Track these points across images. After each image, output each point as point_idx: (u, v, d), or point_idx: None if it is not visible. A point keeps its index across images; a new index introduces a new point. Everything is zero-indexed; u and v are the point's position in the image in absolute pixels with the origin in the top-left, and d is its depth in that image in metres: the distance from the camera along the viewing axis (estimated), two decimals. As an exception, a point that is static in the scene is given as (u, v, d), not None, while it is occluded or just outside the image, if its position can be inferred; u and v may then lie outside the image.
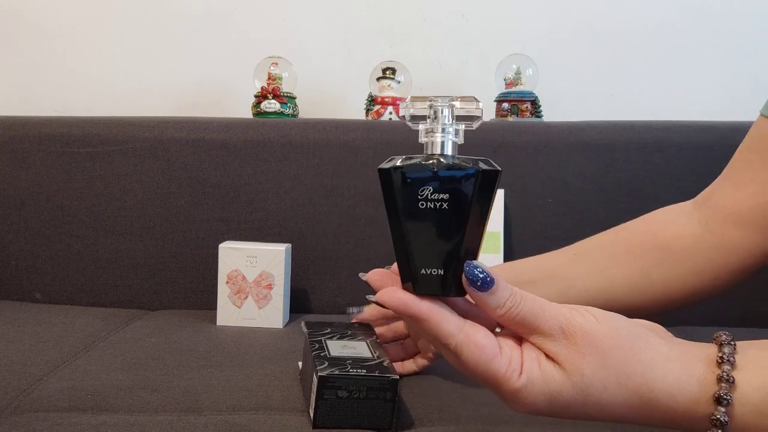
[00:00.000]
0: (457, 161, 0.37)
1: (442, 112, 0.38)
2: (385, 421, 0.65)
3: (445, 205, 0.37)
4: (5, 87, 1.48)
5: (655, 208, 1.18)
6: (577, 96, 1.43)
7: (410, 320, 0.39)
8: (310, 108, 1.39)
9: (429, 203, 0.37)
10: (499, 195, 1.11)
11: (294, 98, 1.30)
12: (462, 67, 1.45)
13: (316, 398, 0.64)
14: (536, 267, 0.61)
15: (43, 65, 1.48)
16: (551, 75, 1.38)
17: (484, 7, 1.43)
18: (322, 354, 0.70)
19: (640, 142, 1.14)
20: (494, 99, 1.30)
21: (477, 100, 0.39)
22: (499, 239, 1.08)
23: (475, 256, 0.39)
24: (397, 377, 0.64)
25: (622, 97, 1.43)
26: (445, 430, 0.65)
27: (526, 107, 1.27)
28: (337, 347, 0.73)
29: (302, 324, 0.80)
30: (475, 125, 0.39)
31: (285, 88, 1.29)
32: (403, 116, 0.40)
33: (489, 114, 1.32)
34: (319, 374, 0.63)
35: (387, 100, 1.29)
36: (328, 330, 0.79)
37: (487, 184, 0.37)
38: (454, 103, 0.39)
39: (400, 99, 1.29)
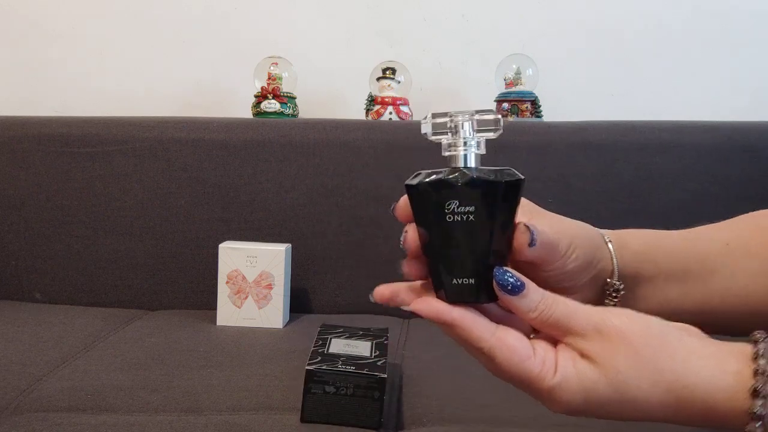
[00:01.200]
0: (480, 174, 0.38)
1: (462, 126, 0.40)
2: (373, 420, 0.65)
3: (471, 217, 0.38)
4: (5, 87, 1.48)
5: (657, 209, 1.18)
6: (578, 96, 1.43)
7: (444, 328, 0.40)
8: (310, 108, 1.39)
9: (456, 216, 0.38)
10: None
11: (294, 98, 1.30)
12: (462, 67, 1.45)
13: (303, 392, 0.65)
14: (686, 252, 0.49)
15: (43, 65, 1.48)
16: (551, 75, 1.38)
17: (484, 7, 1.43)
18: (320, 350, 0.71)
19: (642, 143, 1.14)
20: (494, 99, 1.30)
21: (495, 112, 0.40)
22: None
23: (504, 263, 0.39)
24: (385, 376, 0.65)
25: (622, 97, 1.43)
26: (445, 430, 0.66)
27: (526, 107, 1.27)
28: (339, 345, 0.74)
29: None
30: (496, 135, 0.40)
31: (285, 88, 1.29)
32: (425, 132, 0.41)
33: (489, 114, 1.32)
34: (306, 368, 0.65)
35: (387, 100, 1.28)
36: (341, 330, 0.80)
37: (510, 193, 0.38)
38: (474, 117, 0.40)
39: (400, 99, 1.29)
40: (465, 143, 0.39)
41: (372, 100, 1.31)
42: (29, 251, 1.17)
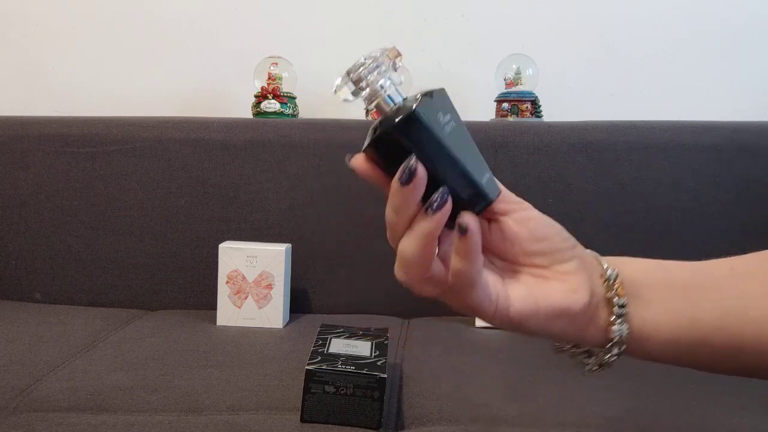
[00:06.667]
0: (417, 95, 0.37)
1: (372, 73, 0.39)
2: (373, 420, 0.65)
3: (453, 123, 0.38)
4: (5, 87, 1.48)
5: (657, 209, 1.18)
6: (578, 96, 1.43)
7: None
8: (310, 108, 1.39)
9: (447, 126, 0.37)
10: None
11: (294, 98, 1.30)
12: (462, 67, 1.45)
13: (303, 392, 0.65)
14: (690, 270, 0.45)
15: (43, 65, 1.48)
16: (551, 75, 1.38)
17: (484, 7, 1.43)
18: (320, 350, 0.71)
19: (642, 143, 1.14)
20: (494, 99, 1.30)
21: (391, 49, 0.40)
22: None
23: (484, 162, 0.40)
24: (385, 376, 0.65)
25: (623, 97, 1.43)
26: (445, 430, 0.65)
27: (526, 107, 1.26)
28: (339, 345, 0.74)
29: None
30: (399, 72, 0.40)
31: (285, 88, 1.29)
32: (346, 99, 0.40)
33: (489, 114, 1.32)
34: (306, 368, 0.65)
35: (387, 100, 1.28)
36: (341, 329, 0.80)
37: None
38: (374, 55, 0.39)
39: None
40: (382, 86, 0.39)
41: (372, 100, 1.31)
42: (29, 251, 1.17)
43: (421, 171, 0.35)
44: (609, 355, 0.42)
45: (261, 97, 1.27)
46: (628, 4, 1.42)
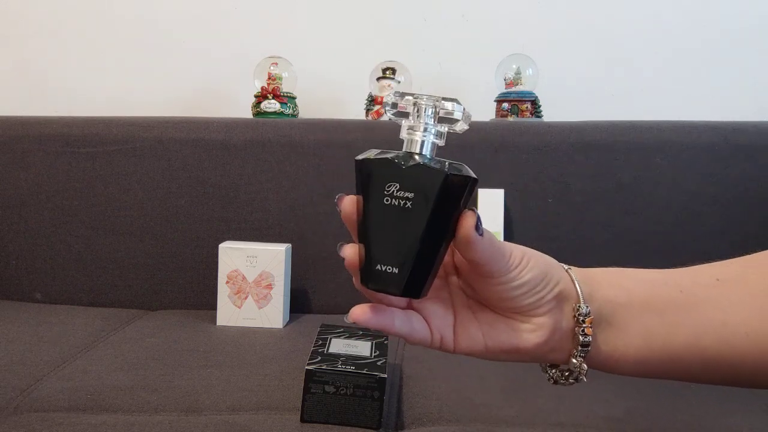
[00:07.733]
0: (429, 162, 0.36)
1: (425, 111, 0.37)
2: (373, 420, 0.65)
3: (408, 204, 0.36)
4: (5, 87, 1.48)
5: (657, 209, 1.18)
6: (577, 96, 1.43)
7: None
8: (310, 108, 1.39)
9: (394, 200, 0.36)
10: (499, 195, 1.11)
11: (294, 98, 1.30)
12: (462, 67, 1.45)
13: (303, 392, 0.65)
14: (663, 282, 0.44)
15: (43, 65, 1.48)
16: (551, 75, 1.38)
17: (484, 7, 1.43)
18: (320, 350, 0.71)
19: (641, 143, 1.14)
20: (494, 99, 1.30)
21: (458, 102, 0.37)
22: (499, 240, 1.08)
23: (431, 263, 0.37)
24: (385, 376, 0.65)
25: (622, 97, 1.43)
26: (445, 430, 0.66)
27: (526, 107, 1.27)
28: (339, 345, 0.74)
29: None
30: (458, 128, 0.38)
31: (285, 88, 1.29)
32: (386, 107, 0.39)
33: (489, 114, 1.32)
34: (306, 368, 0.65)
35: (387, 100, 1.28)
36: (341, 329, 0.80)
37: (454, 189, 0.36)
38: (438, 103, 0.37)
39: (400, 99, 1.29)
40: (425, 129, 0.37)
41: (372, 100, 1.31)
42: (29, 251, 1.17)
43: (344, 206, 0.39)
44: (568, 380, 0.43)
45: (261, 97, 1.27)
46: (628, 5, 1.42)
